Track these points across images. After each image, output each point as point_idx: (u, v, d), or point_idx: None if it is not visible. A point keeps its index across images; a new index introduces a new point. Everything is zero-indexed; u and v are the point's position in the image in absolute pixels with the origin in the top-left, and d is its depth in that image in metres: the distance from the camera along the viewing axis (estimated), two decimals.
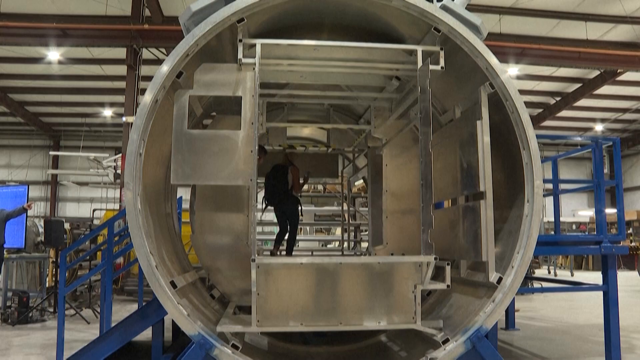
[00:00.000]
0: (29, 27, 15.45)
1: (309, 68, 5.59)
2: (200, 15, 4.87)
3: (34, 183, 29.62)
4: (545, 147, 29.55)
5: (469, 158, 5.24)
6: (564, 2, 16.75)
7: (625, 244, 10.26)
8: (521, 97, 5.04)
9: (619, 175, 8.35)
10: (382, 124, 7.06)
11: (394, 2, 4.91)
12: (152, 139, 4.81)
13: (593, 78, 21.75)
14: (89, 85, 22.81)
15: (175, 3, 16.48)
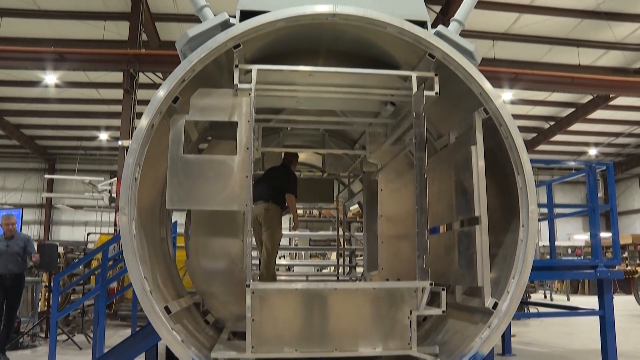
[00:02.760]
0: (27, 51, 15.55)
1: (304, 93, 5.63)
2: (196, 40, 4.92)
3: (28, 206, 29.51)
4: (539, 172, 29.68)
5: (464, 183, 5.26)
6: (556, 28, 17.02)
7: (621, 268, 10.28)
8: (515, 121, 5.08)
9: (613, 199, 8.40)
10: (377, 149, 7.09)
11: (389, 29, 4.97)
12: (147, 163, 4.81)
13: (586, 103, 21.99)
14: (85, 109, 22.90)
15: (172, 28, 16.68)
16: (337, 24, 4.99)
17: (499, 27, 17.10)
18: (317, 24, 4.98)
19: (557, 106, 23.05)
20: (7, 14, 16.06)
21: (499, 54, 17.68)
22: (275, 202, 7.26)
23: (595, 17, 16.23)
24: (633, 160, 31.23)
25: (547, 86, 17.96)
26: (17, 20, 16.34)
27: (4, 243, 8.76)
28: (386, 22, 4.92)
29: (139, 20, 15.15)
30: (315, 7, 4.87)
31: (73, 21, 16.36)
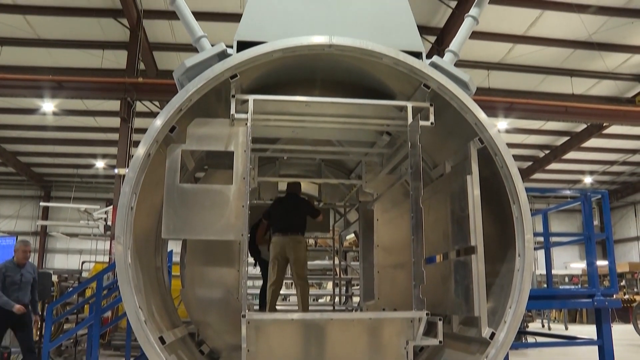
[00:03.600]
0: (25, 79, 15.65)
1: (300, 123, 5.67)
2: (194, 70, 4.96)
3: (23, 234, 29.30)
4: (535, 200, 29.73)
5: (459, 212, 5.27)
6: (549, 58, 17.27)
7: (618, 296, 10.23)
8: (510, 151, 5.11)
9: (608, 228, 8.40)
10: (373, 179, 7.11)
11: (385, 60, 5.03)
12: (144, 191, 4.81)
13: (580, 131, 22.18)
14: (82, 137, 22.97)
15: (170, 57, 16.85)
16: (334, 54, 5.04)
17: (493, 57, 17.33)
18: (314, 54, 5.03)
19: (551, 135, 23.23)
20: (7, 43, 16.25)
21: (493, 84, 17.88)
22: (302, 233, 7.50)
23: (587, 47, 16.50)
24: (628, 188, 31.36)
25: (541, 115, 18.11)
26: (17, 48, 16.53)
27: (18, 271, 8.13)
28: (382, 53, 4.98)
29: (137, 49, 15.31)
30: (311, 38, 4.93)
31: (72, 50, 16.54)
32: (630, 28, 15.71)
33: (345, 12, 5.37)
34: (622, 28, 15.67)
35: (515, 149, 23.75)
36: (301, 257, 7.29)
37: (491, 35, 15.79)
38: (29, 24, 15.60)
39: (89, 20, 15.47)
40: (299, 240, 7.29)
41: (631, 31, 15.91)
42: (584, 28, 15.27)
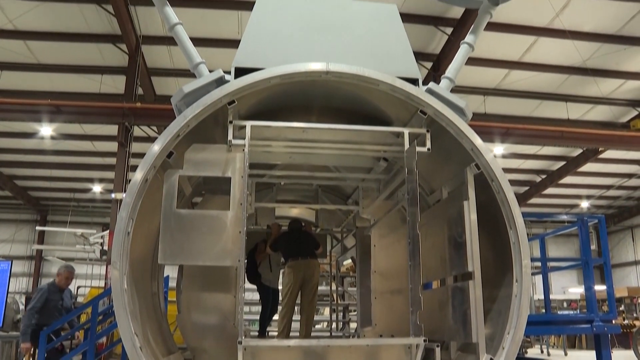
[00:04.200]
0: (24, 103, 15.69)
1: (298, 149, 5.70)
2: (192, 96, 4.99)
3: (18, 258, 29.11)
4: (532, 225, 29.74)
5: (456, 238, 5.26)
6: (545, 83, 17.44)
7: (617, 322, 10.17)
8: (506, 176, 5.12)
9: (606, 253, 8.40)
10: (370, 205, 7.12)
11: (381, 86, 5.07)
12: (140, 216, 4.80)
13: (576, 156, 22.28)
14: (80, 161, 22.97)
15: (168, 82, 16.97)
16: (330, 81, 5.09)
17: (489, 83, 17.49)
18: (311, 81, 5.08)
19: (548, 159, 23.33)
20: (7, 68, 16.36)
21: (490, 109, 18.02)
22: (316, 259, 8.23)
23: (581, 73, 16.69)
24: (625, 213, 31.38)
25: (537, 140, 18.22)
26: (16, 73, 16.62)
27: (59, 295, 8.06)
28: (378, 79, 5.02)
29: (136, 74, 15.41)
30: (309, 65, 4.97)
31: (71, 74, 16.65)
32: (623, 54, 15.93)
33: (342, 39, 5.43)
34: (615, 54, 15.89)
35: (512, 174, 23.85)
36: (317, 281, 7.83)
37: (487, 61, 15.97)
38: (29, 49, 15.73)
39: (88, 45, 15.61)
40: (317, 264, 7.86)
41: (624, 57, 16.12)
42: (578, 54, 15.47)
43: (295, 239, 8.15)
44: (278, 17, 5.51)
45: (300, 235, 8.22)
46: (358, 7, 5.82)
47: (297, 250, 7.95)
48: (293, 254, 7.99)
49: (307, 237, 8.29)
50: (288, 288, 7.85)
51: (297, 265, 7.88)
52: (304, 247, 8.00)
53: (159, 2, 5.50)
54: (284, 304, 8.03)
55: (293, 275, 7.84)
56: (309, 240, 8.19)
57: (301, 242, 8.08)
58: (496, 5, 5.77)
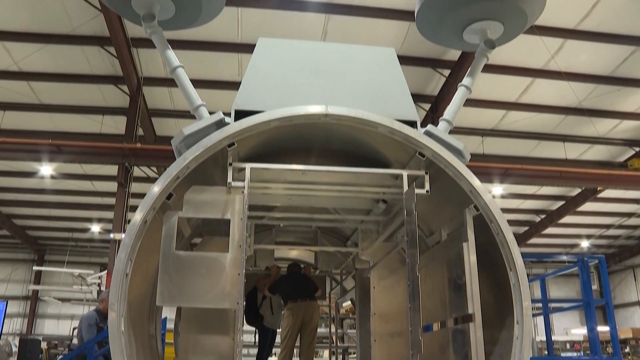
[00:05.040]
0: (25, 143, 15.79)
1: (297, 191, 5.71)
2: (192, 138, 5.03)
3: (13, 298, 28.85)
4: (533, 265, 29.58)
5: (456, 280, 5.23)
6: (542, 124, 17.62)
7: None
8: (505, 217, 5.12)
9: (607, 293, 8.35)
10: (370, 246, 7.11)
11: (380, 129, 5.12)
12: (139, 258, 4.78)
13: (575, 196, 22.32)
14: (79, 201, 22.98)
15: (168, 123, 17.14)
16: (329, 123, 5.13)
17: (487, 124, 17.66)
18: (310, 123, 5.12)
19: (547, 199, 23.36)
20: (9, 108, 16.56)
21: (488, 149, 18.13)
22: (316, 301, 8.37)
23: (578, 113, 16.87)
24: (626, 252, 31.21)
25: (536, 180, 18.29)
26: (19, 113, 16.80)
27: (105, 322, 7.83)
28: (377, 122, 5.07)
29: (136, 115, 15.56)
30: (308, 108, 5.03)
31: (72, 115, 16.82)
32: (617, 95, 16.15)
33: (341, 83, 5.51)
34: (610, 95, 16.11)
35: (512, 214, 23.85)
36: (316, 324, 7.87)
37: (485, 102, 16.16)
38: (32, 89, 15.94)
39: (90, 86, 15.82)
40: (316, 306, 7.89)
41: (619, 98, 16.35)
42: (574, 95, 15.67)
43: (294, 282, 8.16)
44: (277, 61, 5.60)
45: (299, 278, 8.24)
46: (357, 50, 5.93)
47: (297, 293, 7.98)
48: (292, 296, 8.02)
49: (306, 279, 8.30)
50: (287, 330, 7.84)
51: (297, 307, 7.90)
52: (304, 290, 8.02)
53: (161, 46, 5.59)
54: (284, 346, 7.97)
55: (292, 318, 7.84)
56: (308, 283, 8.20)
57: (300, 285, 8.10)
58: (492, 48, 5.87)
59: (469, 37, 5.94)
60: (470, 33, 5.88)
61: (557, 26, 13.46)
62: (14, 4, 12.85)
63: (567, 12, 13.10)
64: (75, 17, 13.10)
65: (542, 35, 13.02)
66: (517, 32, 5.95)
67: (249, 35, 13.69)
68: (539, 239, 27.03)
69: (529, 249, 27.59)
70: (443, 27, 5.92)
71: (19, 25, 13.53)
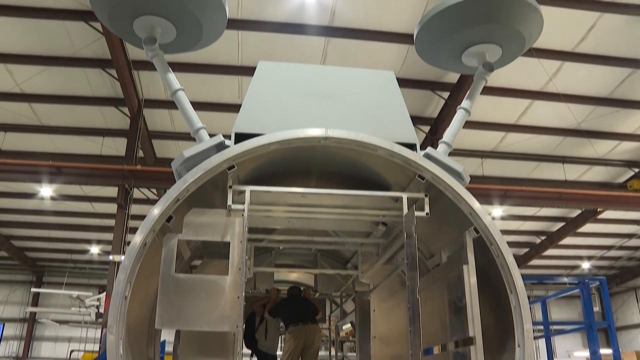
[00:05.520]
0: (25, 164, 15.83)
1: (297, 214, 5.71)
2: (192, 161, 5.04)
3: (10, 320, 28.64)
4: (534, 287, 29.43)
5: (457, 302, 5.21)
6: (541, 145, 17.68)
7: None
8: (505, 239, 5.11)
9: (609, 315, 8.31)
10: (370, 269, 7.09)
11: (379, 151, 5.14)
12: (138, 280, 4.77)
13: (575, 217, 22.31)
14: (78, 222, 22.95)
15: (169, 145, 17.20)
16: (329, 146, 5.15)
17: (486, 146, 17.72)
18: (310, 146, 5.14)
19: (547, 221, 23.34)
20: (10, 129, 16.63)
21: (488, 171, 18.16)
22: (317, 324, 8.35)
23: (577, 135, 16.95)
24: (627, 273, 31.04)
25: (536, 202, 18.31)
26: (20, 134, 16.87)
27: None
28: (377, 145, 5.09)
29: (137, 137, 15.62)
30: (308, 131, 5.05)
31: (73, 136, 16.89)
32: (616, 116, 16.26)
33: (340, 106, 5.54)
34: (608, 116, 16.22)
35: (512, 236, 23.82)
36: (318, 347, 7.99)
37: (484, 124, 16.23)
38: (33, 111, 16.03)
39: (91, 108, 15.92)
40: (317, 330, 7.88)
41: (617, 119, 16.46)
42: (572, 116, 15.75)
43: (295, 305, 8.14)
44: (277, 84, 5.65)
45: (300, 301, 8.21)
46: (356, 74, 5.99)
47: (298, 316, 7.95)
48: (293, 319, 7.99)
49: (307, 302, 8.27)
50: (289, 354, 7.80)
51: (298, 331, 7.86)
52: (304, 313, 7.99)
53: (162, 68, 5.64)
54: None
55: (294, 341, 7.81)
56: (308, 306, 8.18)
57: (301, 308, 8.08)
58: (491, 71, 5.92)
59: (467, 60, 6.00)
60: (468, 56, 5.94)
61: (554, 49, 13.59)
62: (17, 27, 12.99)
63: (565, 35, 13.24)
64: (77, 39, 13.23)
65: (540, 57, 13.13)
66: (515, 55, 6.01)
67: (249, 58, 13.81)
68: (539, 260, 26.93)
69: (529, 271, 27.48)
70: (442, 50, 5.98)
71: (22, 48, 13.66)
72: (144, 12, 5.39)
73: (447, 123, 14.51)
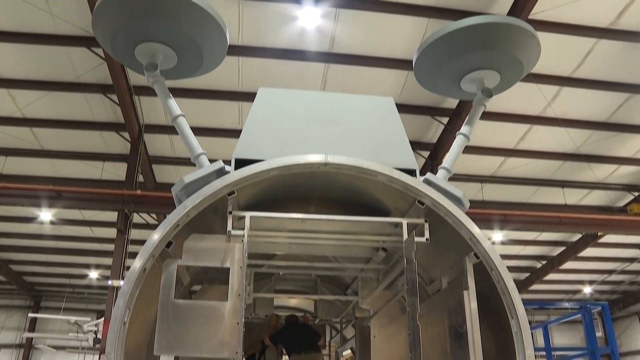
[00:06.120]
0: (25, 188, 15.86)
1: (297, 240, 5.70)
2: (192, 186, 5.05)
3: (6, 346, 28.34)
4: (535, 312, 29.21)
5: (457, 328, 5.17)
6: (541, 170, 17.74)
7: None
8: (505, 264, 5.10)
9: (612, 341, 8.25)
10: (370, 295, 7.04)
11: (379, 177, 5.15)
12: (137, 305, 4.74)
13: (576, 241, 22.26)
14: (78, 247, 22.90)
15: (169, 170, 17.25)
16: (329, 172, 5.16)
17: (486, 170, 17.76)
18: (310, 172, 5.15)
19: (547, 245, 23.28)
20: (11, 153, 16.70)
21: (487, 196, 18.18)
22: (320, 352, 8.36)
23: (576, 159, 17.02)
24: (630, 298, 30.82)
25: (536, 226, 18.30)
26: (20, 159, 16.93)
27: None
28: (376, 170, 5.10)
29: (137, 162, 15.67)
30: (308, 157, 5.07)
31: (73, 161, 16.94)
32: (614, 140, 16.35)
33: (340, 132, 5.57)
34: (607, 141, 16.31)
35: (512, 260, 23.73)
36: None
37: (483, 149, 16.30)
38: (34, 135, 16.12)
39: (92, 133, 16.01)
40: (321, 358, 7.74)
41: (616, 143, 16.54)
42: (571, 141, 15.83)
43: (296, 333, 8.05)
44: (277, 110, 5.68)
45: (300, 329, 8.14)
46: (356, 100, 6.03)
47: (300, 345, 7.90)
48: (296, 348, 7.94)
49: (308, 329, 8.20)
50: None
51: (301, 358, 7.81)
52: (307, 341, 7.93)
53: (163, 94, 5.68)
54: None
55: None
56: (310, 333, 8.12)
57: (303, 336, 8.00)
58: (489, 97, 5.96)
59: (466, 86, 6.05)
60: (467, 82, 5.99)
61: (552, 74, 13.72)
62: (20, 52, 13.12)
63: (562, 61, 13.38)
64: (79, 65, 13.36)
65: (538, 82, 13.25)
66: (513, 81, 6.06)
67: (249, 84, 13.92)
68: (540, 285, 26.79)
69: (530, 296, 27.32)
70: (441, 77, 6.03)
71: (25, 73, 13.79)
72: (145, 39, 5.45)
73: (446, 148, 14.57)
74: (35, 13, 11.96)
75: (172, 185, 5.35)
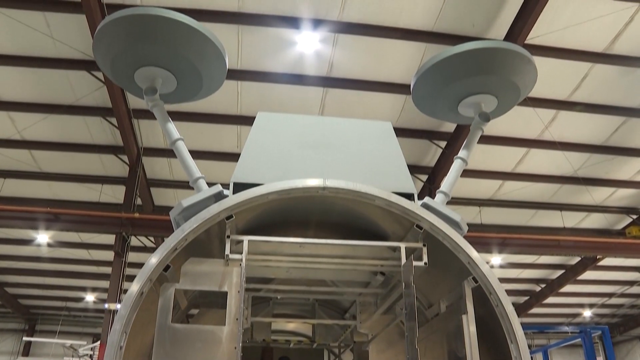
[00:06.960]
0: (22, 210, 15.84)
1: (295, 264, 5.68)
2: (190, 210, 5.05)
3: None
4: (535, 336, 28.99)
5: (456, 353, 5.13)
6: (539, 193, 17.78)
7: None
8: (504, 288, 5.08)
9: None
10: (368, 319, 7.00)
11: (377, 201, 5.16)
12: (134, 329, 4.70)
13: (575, 264, 22.22)
14: (74, 269, 22.80)
15: (167, 194, 17.27)
16: (327, 196, 5.17)
17: (484, 194, 17.80)
18: (308, 196, 5.16)
19: (546, 268, 23.22)
20: (10, 176, 16.71)
21: (486, 219, 18.19)
22: None
23: (573, 182, 17.08)
24: (630, 321, 30.63)
25: (534, 249, 18.29)
26: (19, 181, 16.94)
27: None
28: (374, 195, 5.11)
29: (135, 185, 15.68)
30: (306, 181, 5.08)
31: (72, 183, 16.94)
32: (612, 164, 16.43)
33: (338, 156, 5.60)
34: (604, 164, 16.38)
35: (511, 284, 23.65)
36: None
37: (481, 172, 16.36)
38: (33, 158, 16.16)
39: (90, 155, 16.05)
40: None
41: (613, 166, 16.62)
42: (569, 164, 15.90)
43: None
44: (276, 135, 5.71)
45: None
46: (354, 124, 6.06)
47: None
48: None
49: None
50: None
51: None
52: None
53: (162, 118, 5.71)
54: None
55: None
56: None
57: None
58: (487, 121, 6.00)
59: (464, 110, 6.09)
60: (465, 106, 6.04)
61: (549, 98, 13.83)
62: (21, 75, 13.22)
63: (559, 85, 13.51)
64: (78, 88, 13.45)
65: (535, 106, 13.36)
66: (511, 105, 6.10)
67: (248, 108, 14.01)
68: (540, 308, 26.65)
69: (530, 319, 27.15)
70: (438, 101, 6.08)
71: (24, 96, 13.88)
72: (145, 63, 5.50)
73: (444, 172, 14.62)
74: (36, 37, 12.08)
75: (170, 208, 5.34)
